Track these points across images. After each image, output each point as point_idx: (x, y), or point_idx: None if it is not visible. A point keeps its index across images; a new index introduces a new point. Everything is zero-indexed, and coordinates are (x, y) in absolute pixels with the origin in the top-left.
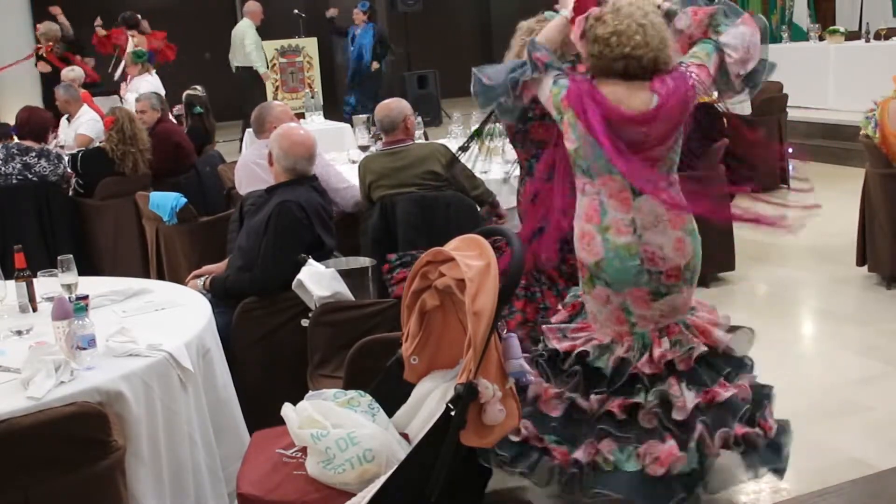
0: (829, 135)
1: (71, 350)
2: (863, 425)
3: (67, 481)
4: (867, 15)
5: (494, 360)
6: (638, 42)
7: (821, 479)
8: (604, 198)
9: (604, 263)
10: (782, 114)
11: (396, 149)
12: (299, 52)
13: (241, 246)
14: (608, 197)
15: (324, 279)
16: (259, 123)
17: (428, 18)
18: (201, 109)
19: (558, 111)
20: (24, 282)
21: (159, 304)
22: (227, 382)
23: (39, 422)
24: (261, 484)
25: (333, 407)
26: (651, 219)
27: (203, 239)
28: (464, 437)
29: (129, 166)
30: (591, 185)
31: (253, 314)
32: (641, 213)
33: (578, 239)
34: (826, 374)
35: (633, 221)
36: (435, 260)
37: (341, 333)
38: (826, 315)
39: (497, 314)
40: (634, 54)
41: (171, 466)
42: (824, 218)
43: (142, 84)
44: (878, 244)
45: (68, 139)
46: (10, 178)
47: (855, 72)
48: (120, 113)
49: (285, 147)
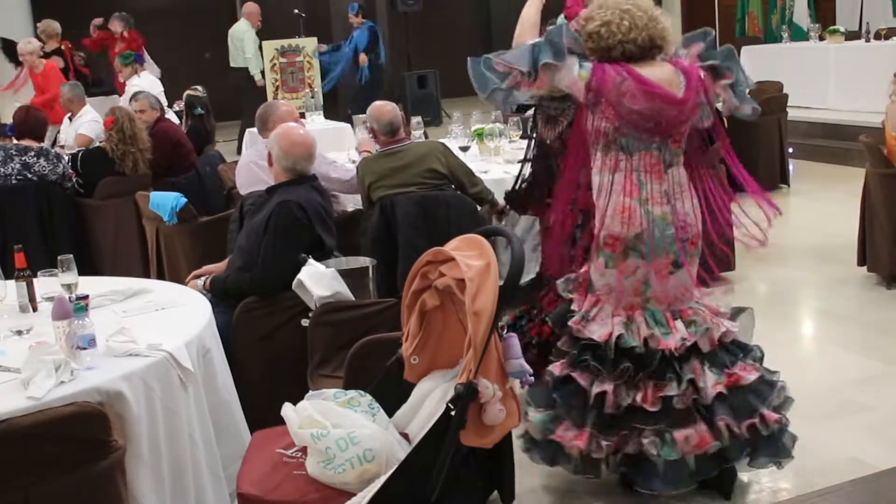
0: (829, 135)
1: (71, 350)
2: (863, 425)
3: (67, 481)
4: (867, 15)
5: (494, 360)
6: (627, 27)
7: (821, 479)
8: (640, 172)
9: (645, 235)
10: (782, 114)
11: (395, 149)
12: (299, 52)
13: (241, 246)
14: (645, 171)
15: (324, 279)
16: (262, 122)
17: (428, 18)
18: (202, 111)
19: (589, 93)
20: (24, 282)
21: (159, 304)
22: (227, 382)
23: (39, 422)
24: (261, 484)
25: (333, 407)
26: (678, 189)
27: (203, 239)
28: (464, 437)
29: (128, 166)
30: (627, 161)
31: (253, 314)
32: (671, 184)
33: (615, 213)
34: (826, 374)
35: (666, 192)
36: (435, 260)
37: (341, 333)
38: (826, 315)
39: (497, 314)
40: (627, 39)
41: (171, 466)
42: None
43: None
44: (878, 244)
45: (69, 139)
46: (9, 178)
47: (855, 72)
48: (120, 113)
49: (285, 147)
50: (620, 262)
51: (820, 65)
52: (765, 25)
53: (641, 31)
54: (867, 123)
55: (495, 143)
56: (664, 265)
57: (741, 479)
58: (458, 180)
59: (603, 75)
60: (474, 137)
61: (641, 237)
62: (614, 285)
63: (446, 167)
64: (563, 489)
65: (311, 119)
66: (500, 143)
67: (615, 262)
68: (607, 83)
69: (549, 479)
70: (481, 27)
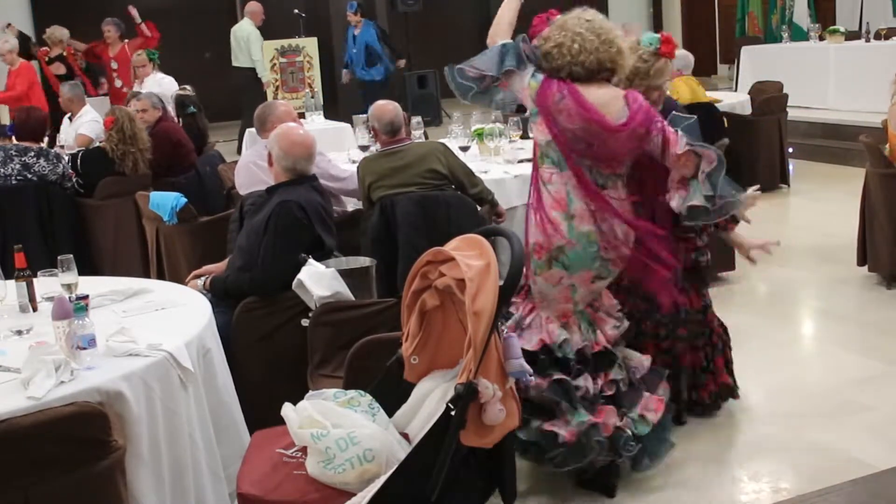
0: (829, 135)
1: (71, 350)
2: (863, 425)
3: (67, 481)
4: (867, 15)
5: (494, 360)
6: (576, 50)
7: (821, 479)
8: (570, 188)
9: (567, 248)
10: (782, 114)
11: (395, 148)
12: (299, 52)
13: (241, 246)
14: (574, 187)
15: (324, 279)
16: (261, 122)
17: (428, 18)
18: (194, 109)
19: (533, 103)
20: (24, 282)
21: (159, 304)
22: (227, 382)
23: (39, 422)
24: (261, 484)
25: (333, 407)
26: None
27: (203, 239)
28: (464, 437)
29: (128, 166)
30: (558, 176)
31: (253, 314)
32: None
33: (541, 224)
34: (826, 374)
35: (594, 212)
36: (435, 260)
37: (341, 333)
38: (826, 315)
39: (497, 314)
40: (576, 61)
41: (171, 466)
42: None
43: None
44: (878, 244)
45: (69, 139)
46: (9, 178)
47: (855, 72)
48: (119, 113)
49: (285, 147)
50: (545, 270)
51: (820, 65)
52: (765, 25)
53: (590, 55)
54: (867, 123)
55: (495, 143)
56: (587, 278)
57: (741, 477)
58: (459, 180)
59: (546, 89)
60: (474, 137)
61: (563, 250)
62: (546, 293)
63: (447, 167)
64: (563, 489)
65: (311, 119)
66: (500, 143)
67: (541, 270)
68: (548, 98)
69: (549, 479)
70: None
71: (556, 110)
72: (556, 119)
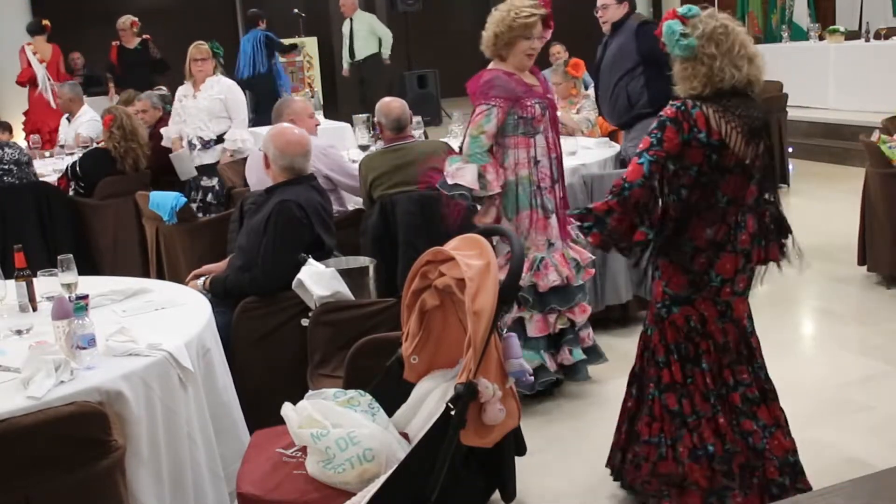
0: (829, 135)
1: (71, 350)
2: (863, 425)
3: (67, 481)
4: (867, 15)
5: (494, 360)
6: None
7: (821, 480)
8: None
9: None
10: (782, 113)
11: (399, 146)
12: (299, 52)
13: (241, 246)
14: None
15: (324, 279)
16: (277, 115)
17: (428, 18)
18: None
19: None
20: (24, 281)
21: (159, 304)
22: (227, 382)
23: (39, 421)
24: (261, 483)
25: (333, 406)
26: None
27: (203, 239)
28: (464, 436)
29: (129, 163)
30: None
31: (253, 314)
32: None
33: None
34: (826, 374)
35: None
36: (435, 259)
37: (341, 333)
38: (826, 315)
39: (497, 314)
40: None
41: (171, 466)
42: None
43: (226, 88)
44: (878, 244)
45: (68, 139)
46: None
47: (855, 72)
48: (117, 111)
49: (281, 146)
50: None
51: (820, 65)
52: (765, 25)
53: (484, 43)
54: (867, 123)
55: None
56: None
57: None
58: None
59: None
60: None
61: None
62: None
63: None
64: (564, 489)
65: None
66: None
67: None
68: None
69: (550, 479)
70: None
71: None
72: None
